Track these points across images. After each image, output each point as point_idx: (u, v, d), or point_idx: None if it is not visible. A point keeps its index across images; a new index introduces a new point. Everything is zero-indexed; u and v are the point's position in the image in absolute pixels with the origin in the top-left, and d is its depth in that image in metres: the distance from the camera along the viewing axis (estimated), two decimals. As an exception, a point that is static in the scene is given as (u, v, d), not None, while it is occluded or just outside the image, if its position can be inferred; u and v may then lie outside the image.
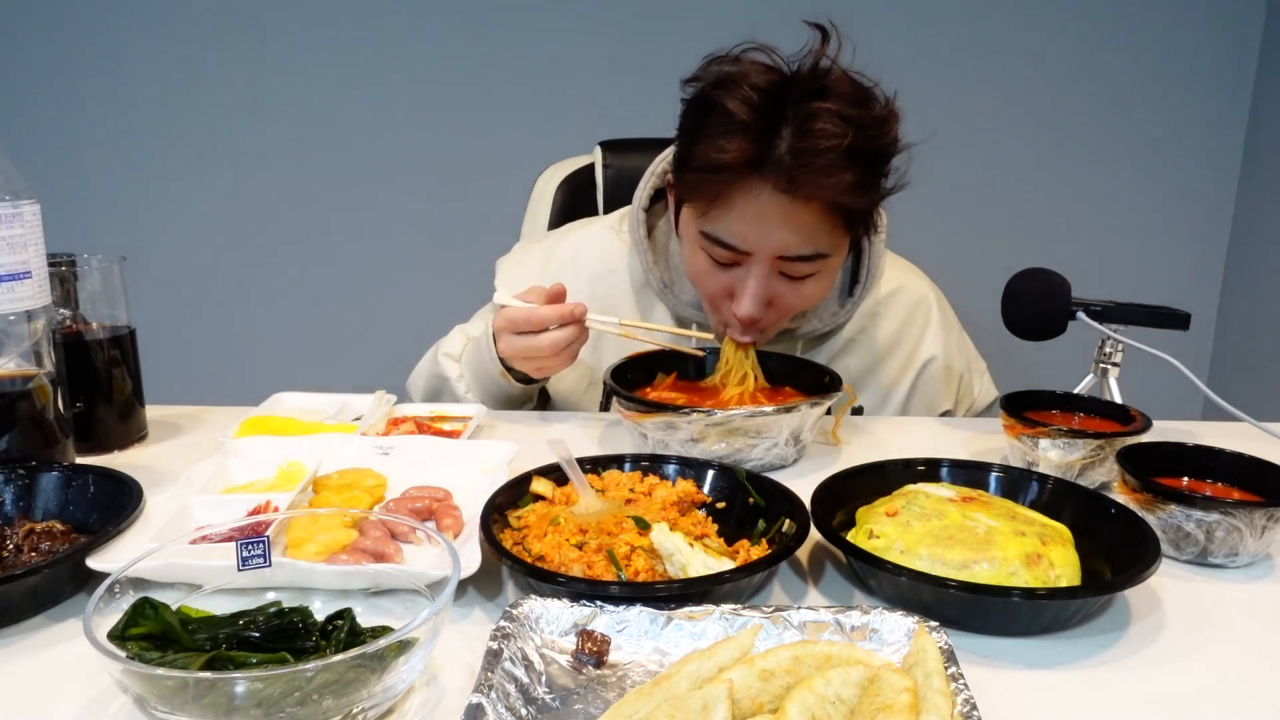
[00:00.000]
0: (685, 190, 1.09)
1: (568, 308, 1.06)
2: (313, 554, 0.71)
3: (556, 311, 1.06)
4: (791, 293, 1.10)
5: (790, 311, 1.14)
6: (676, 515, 0.79)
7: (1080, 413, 1.02)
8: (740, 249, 1.05)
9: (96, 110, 2.43)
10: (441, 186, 2.47)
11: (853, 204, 1.01)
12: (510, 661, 0.57)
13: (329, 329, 2.58)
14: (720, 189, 1.02)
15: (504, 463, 0.89)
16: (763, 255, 1.05)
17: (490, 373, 1.16)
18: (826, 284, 1.13)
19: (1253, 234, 2.42)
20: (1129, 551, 0.71)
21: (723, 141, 0.99)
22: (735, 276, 1.09)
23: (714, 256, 1.09)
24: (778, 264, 1.07)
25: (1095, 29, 2.36)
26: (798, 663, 0.54)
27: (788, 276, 1.08)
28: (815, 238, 1.04)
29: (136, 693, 0.51)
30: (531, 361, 1.10)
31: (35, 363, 0.87)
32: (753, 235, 1.04)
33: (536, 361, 1.10)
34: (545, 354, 1.07)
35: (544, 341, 1.06)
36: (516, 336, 1.08)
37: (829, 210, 1.02)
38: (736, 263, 1.08)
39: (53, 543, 0.73)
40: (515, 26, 2.37)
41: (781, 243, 1.04)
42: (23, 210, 0.84)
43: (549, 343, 1.06)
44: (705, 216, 1.06)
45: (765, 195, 1.01)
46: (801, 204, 1.01)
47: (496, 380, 1.17)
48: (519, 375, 1.16)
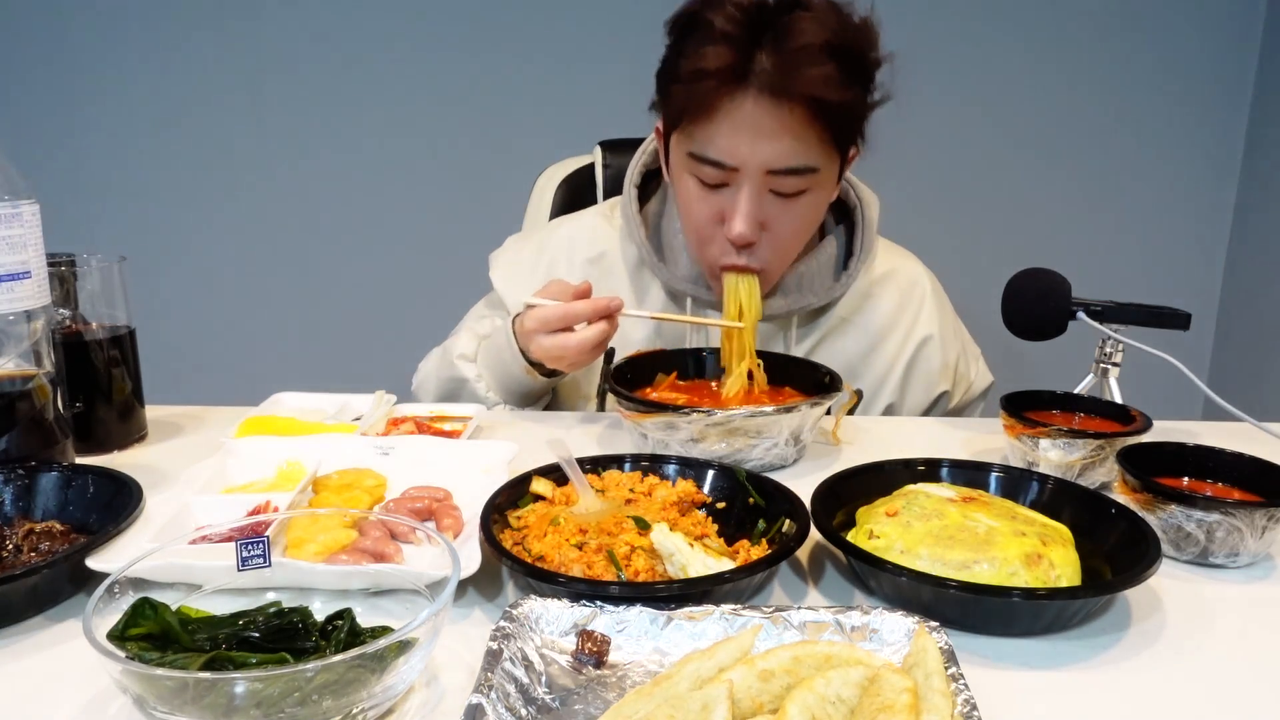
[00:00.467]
0: (671, 109, 1.09)
1: (604, 301, 1.05)
2: (313, 554, 0.71)
3: (593, 306, 1.05)
4: (783, 212, 1.10)
5: (786, 240, 1.13)
6: (676, 515, 0.78)
7: (1080, 413, 1.02)
8: (728, 164, 1.06)
9: (96, 110, 2.43)
10: (442, 186, 2.47)
11: (835, 99, 1.02)
12: (510, 661, 0.57)
13: (329, 329, 2.58)
14: (704, 100, 1.03)
15: (504, 463, 0.89)
16: (751, 169, 1.06)
17: (512, 370, 1.15)
18: (818, 205, 1.13)
19: (1253, 234, 2.42)
20: (1129, 552, 0.71)
21: (705, 50, 1.02)
22: (725, 198, 1.09)
23: (703, 179, 1.09)
24: (768, 180, 1.07)
25: (1096, 29, 2.36)
26: (798, 663, 0.54)
27: (778, 195, 1.09)
28: (802, 147, 1.05)
29: (136, 693, 0.51)
30: (565, 359, 1.09)
31: (35, 363, 0.87)
32: (740, 148, 1.04)
33: (570, 359, 1.09)
34: (579, 351, 1.06)
35: (574, 340, 1.05)
36: (548, 336, 1.07)
37: (814, 114, 1.03)
38: (725, 183, 1.08)
39: (52, 543, 0.73)
40: (516, 26, 2.37)
41: (769, 154, 1.04)
42: (22, 210, 0.84)
43: (580, 341, 1.05)
44: (691, 137, 1.07)
45: (749, 105, 1.02)
46: (786, 109, 1.02)
47: (520, 377, 1.16)
48: (544, 370, 1.15)
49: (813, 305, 1.23)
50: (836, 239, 1.27)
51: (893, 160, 2.25)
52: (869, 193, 1.30)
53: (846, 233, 1.28)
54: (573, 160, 1.61)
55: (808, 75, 1.00)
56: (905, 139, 2.41)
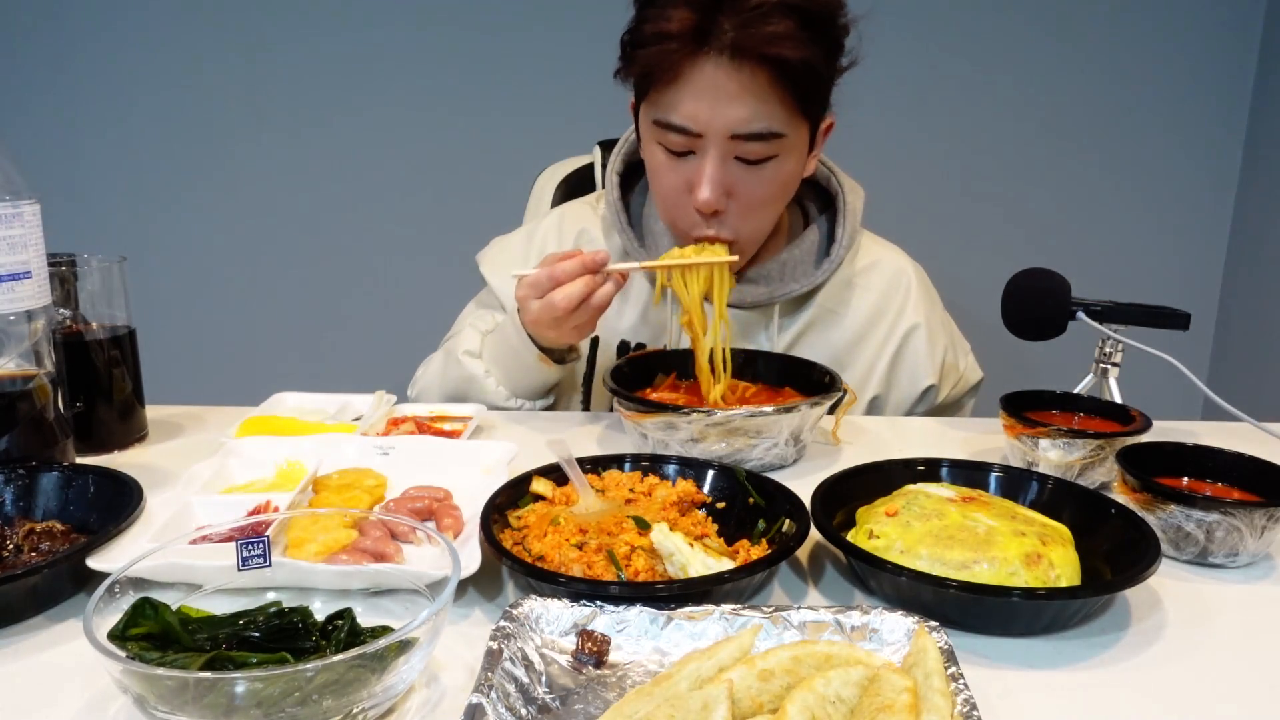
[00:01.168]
0: (634, 74, 1.10)
1: (588, 256, 1.04)
2: (313, 554, 0.71)
3: (577, 261, 1.04)
4: (750, 178, 1.10)
5: (754, 208, 1.13)
6: (676, 515, 0.79)
7: (1080, 413, 1.02)
8: (692, 130, 1.06)
9: (97, 110, 2.43)
10: (442, 186, 2.47)
11: (794, 56, 1.02)
12: (510, 661, 0.57)
13: (329, 329, 2.58)
14: (665, 63, 1.04)
15: (504, 463, 0.89)
16: (715, 134, 1.06)
17: (524, 359, 1.15)
18: (787, 174, 1.13)
19: (1253, 234, 2.42)
20: (1129, 551, 0.71)
21: (668, 11, 1.03)
22: (691, 167, 1.10)
23: (669, 146, 1.10)
24: (732, 146, 1.07)
25: (1096, 28, 2.36)
26: (798, 663, 0.54)
27: (744, 162, 1.09)
28: (766, 111, 1.05)
29: (136, 693, 0.51)
30: (558, 324, 1.06)
31: (35, 363, 0.87)
32: (703, 113, 1.05)
33: (560, 315, 1.04)
34: (566, 306, 1.03)
35: (560, 295, 1.03)
36: (538, 300, 1.05)
37: (776, 77, 1.03)
38: (691, 150, 1.09)
39: (53, 543, 0.73)
40: (515, 26, 2.37)
41: (732, 118, 1.05)
42: (23, 210, 0.84)
43: (566, 295, 1.03)
44: (656, 104, 1.08)
45: (710, 68, 1.03)
46: (748, 72, 1.02)
47: (532, 365, 1.15)
48: (555, 356, 1.15)
49: (795, 293, 1.23)
50: (820, 228, 1.28)
51: (893, 160, 2.26)
52: (851, 181, 1.30)
53: (830, 223, 1.28)
54: (572, 160, 1.61)
55: (765, 33, 1.00)
56: (905, 138, 2.43)
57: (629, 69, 1.11)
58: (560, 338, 1.11)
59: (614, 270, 1.06)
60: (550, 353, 1.15)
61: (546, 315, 1.05)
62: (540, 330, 1.10)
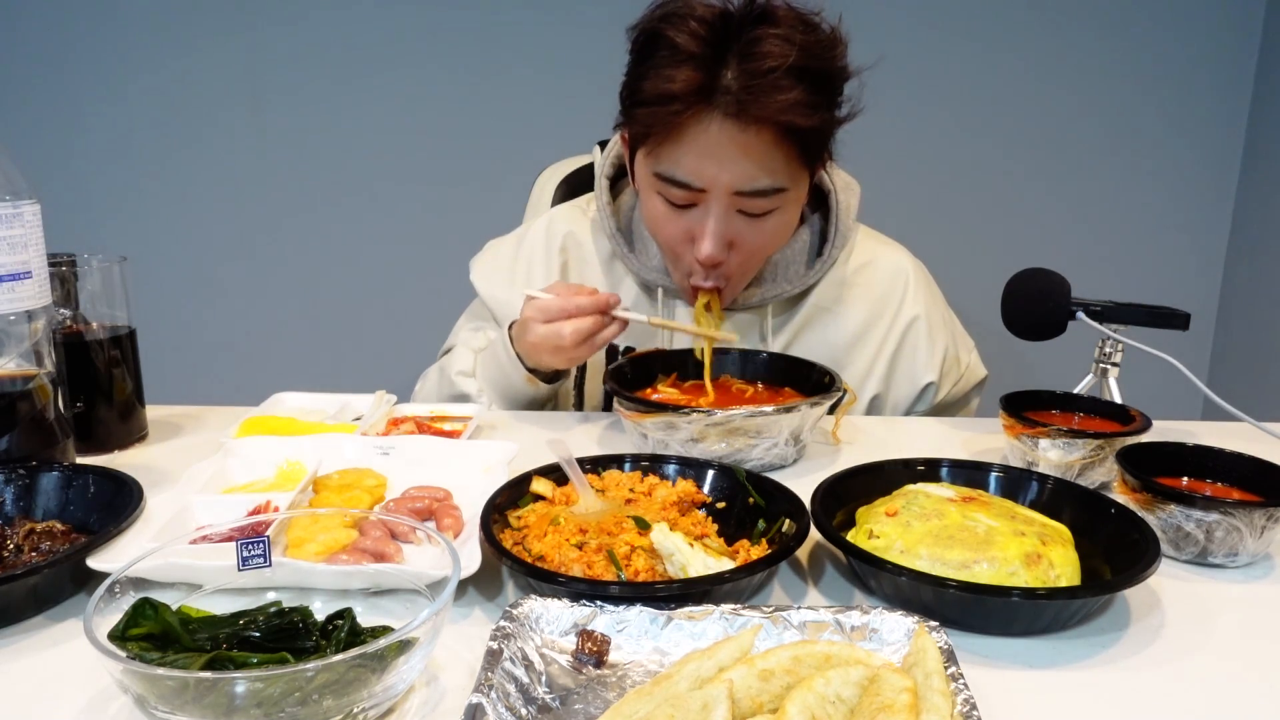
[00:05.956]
0: (636, 129, 1.08)
1: (602, 296, 1.06)
2: (313, 554, 0.71)
3: (593, 301, 1.05)
4: (752, 231, 1.09)
5: (754, 255, 1.13)
6: (676, 515, 0.79)
7: (1080, 413, 1.02)
8: (695, 186, 1.05)
9: (96, 110, 2.43)
10: (442, 186, 2.47)
11: (804, 124, 1.00)
12: (510, 661, 0.57)
13: (329, 329, 2.58)
14: (670, 122, 1.02)
15: (504, 463, 0.89)
16: (719, 191, 1.05)
17: (512, 379, 1.16)
18: (788, 222, 1.13)
19: (1253, 234, 2.42)
20: (1129, 551, 0.71)
21: (670, 72, 1.00)
22: (693, 219, 1.09)
23: (670, 199, 1.09)
24: (735, 201, 1.06)
25: (1095, 28, 2.36)
26: (798, 663, 0.54)
27: (746, 215, 1.08)
28: (770, 168, 1.04)
29: (137, 693, 0.51)
30: (559, 353, 1.08)
31: (35, 363, 0.88)
32: (707, 170, 1.03)
33: (564, 353, 1.07)
34: (574, 340, 1.05)
35: (569, 328, 1.05)
36: (544, 324, 1.06)
37: (781, 136, 1.02)
38: (693, 203, 1.08)
39: (53, 543, 0.73)
40: (515, 26, 2.37)
41: (736, 175, 1.03)
42: (23, 210, 0.84)
43: (575, 328, 1.05)
44: (658, 157, 1.06)
45: (715, 126, 1.01)
46: (753, 131, 1.01)
47: (520, 386, 1.16)
48: (543, 376, 1.15)
49: (787, 293, 1.22)
50: (811, 226, 1.26)
51: (893, 160, 2.26)
52: (846, 178, 1.28)
53: (823, 221, 1.26)
54: (572, 160, 1.61)
55: (776, 102, 0.98)
56: (905, 139, 2.42)
57: (630, 126, 1.09)
58: (554, 364, 1.13)
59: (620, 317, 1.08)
60: (538, 372, 1.15)
61: (550, 342, 1.07)
62: (537, 353, 1.11)
